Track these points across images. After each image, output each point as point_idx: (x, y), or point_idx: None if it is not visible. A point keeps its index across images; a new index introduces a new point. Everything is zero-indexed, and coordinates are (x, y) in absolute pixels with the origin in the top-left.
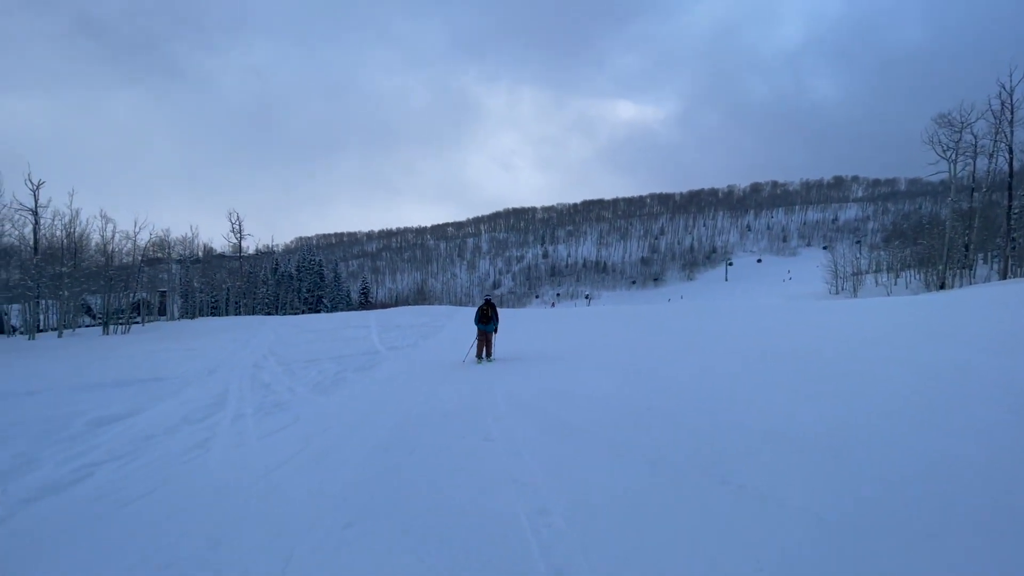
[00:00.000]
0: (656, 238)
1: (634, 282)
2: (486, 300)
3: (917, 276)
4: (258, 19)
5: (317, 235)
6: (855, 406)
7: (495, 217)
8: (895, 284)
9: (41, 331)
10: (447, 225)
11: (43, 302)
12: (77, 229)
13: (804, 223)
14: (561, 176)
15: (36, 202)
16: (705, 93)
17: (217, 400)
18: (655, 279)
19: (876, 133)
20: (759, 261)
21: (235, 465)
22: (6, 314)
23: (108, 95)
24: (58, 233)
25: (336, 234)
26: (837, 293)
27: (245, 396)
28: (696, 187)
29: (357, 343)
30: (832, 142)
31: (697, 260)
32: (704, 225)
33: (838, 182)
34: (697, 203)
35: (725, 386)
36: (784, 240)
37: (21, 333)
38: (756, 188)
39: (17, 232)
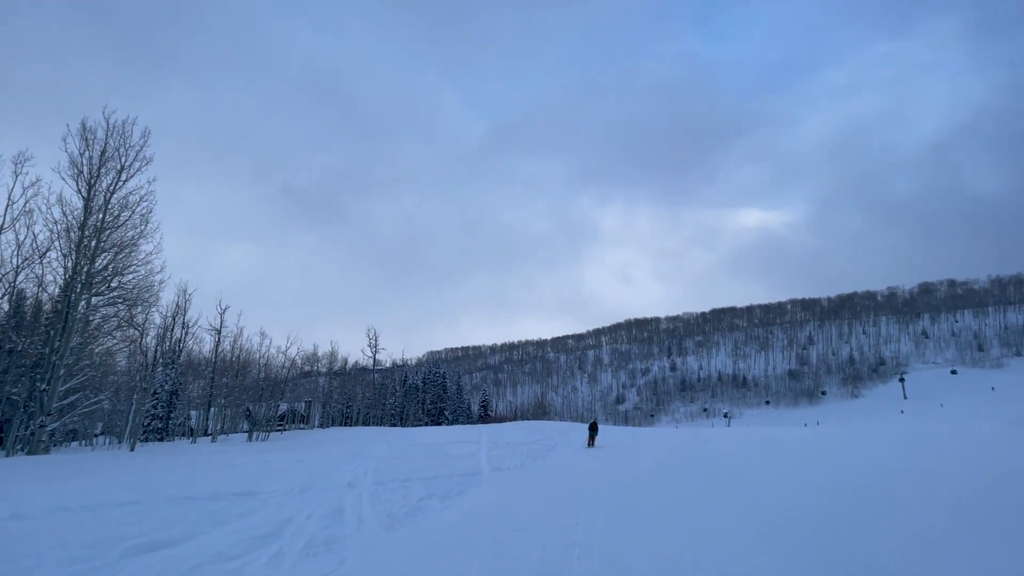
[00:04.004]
0: (804, 348)
1: (772, 399)
2: (593, 420)
3: None
4: (409, 175)
5: (445, 348)
6: None
7: (616, 328)
8: None
9: (208, 434)
10: (567, 337)
11: (213, 409)
12: (242, 344)
13: (1004, 327)
14: (684, 286)
15: (221, 323)
16: (839, 195)
17: (276, 529)
18: (808, 395)
19: None
20: (954, 372)
21: None
22: (188, 418)
23: (293, 239)
24: (228, 347)
25: (462, 347)
26: None
27: (305, 527)
28: (845, 291)
29: (461, 461)
30: (1019, 233)
31: (861, 373)
32: (864, 332)
33: None
34: (851, 308)
35: None
36: (980, 349)
37: (199, 435)
38: (927, 288)
39: (201, 349)
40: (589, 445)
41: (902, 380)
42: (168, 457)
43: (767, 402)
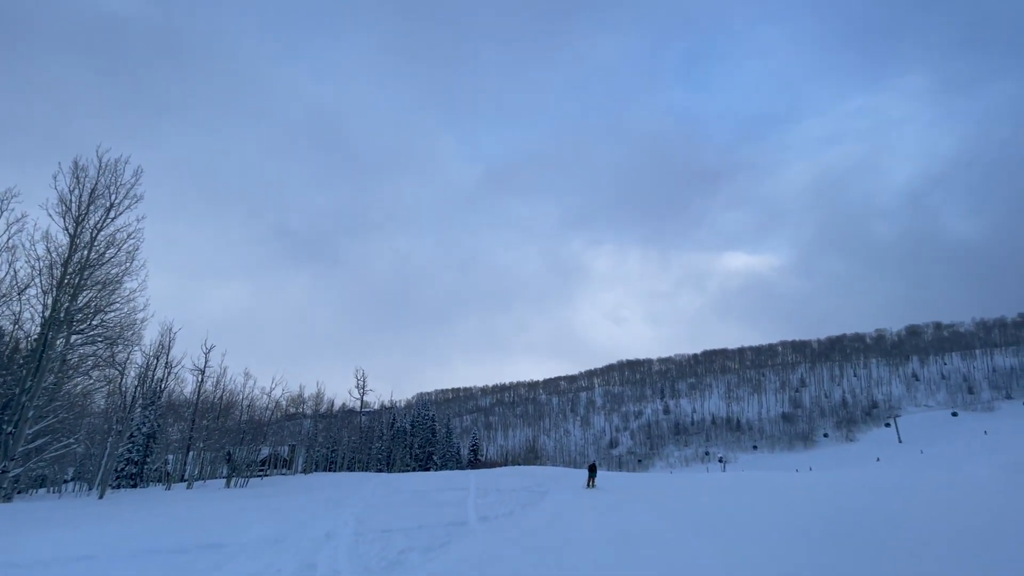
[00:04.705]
0: (796, 391)
1: (767, 442)
2: (592, 463)
3: None
4: (404, 216)
5: (435, 390)
6: None
7: (608, 370)
8: None
9: (183, 480)
10: (559, 379)
11: (191, 453)
12: (226, 385)
13: (992, 370)
14: (674, 327)
15: (205, 363)
16: (822, 240)
17: None
18: (804, 439)
19: None
20: (955, 415)
21: None
22: (165, 463)
23: (285, 279)
24: (209, 387)
25: (452, 389)
26: None
27: None
28: (833, 333)
29: (448, 509)
30: (997, 277)
31: (855, 416)
32: (855, 375)
33: None
34: (840, 350)
35: None
36: (970, 391)
37: (174, 481)
38: (914, 331)
39: (183, 389)
40: (590, 486)
41: (887, 425)
42: (138, 505)
43: (754, 447)
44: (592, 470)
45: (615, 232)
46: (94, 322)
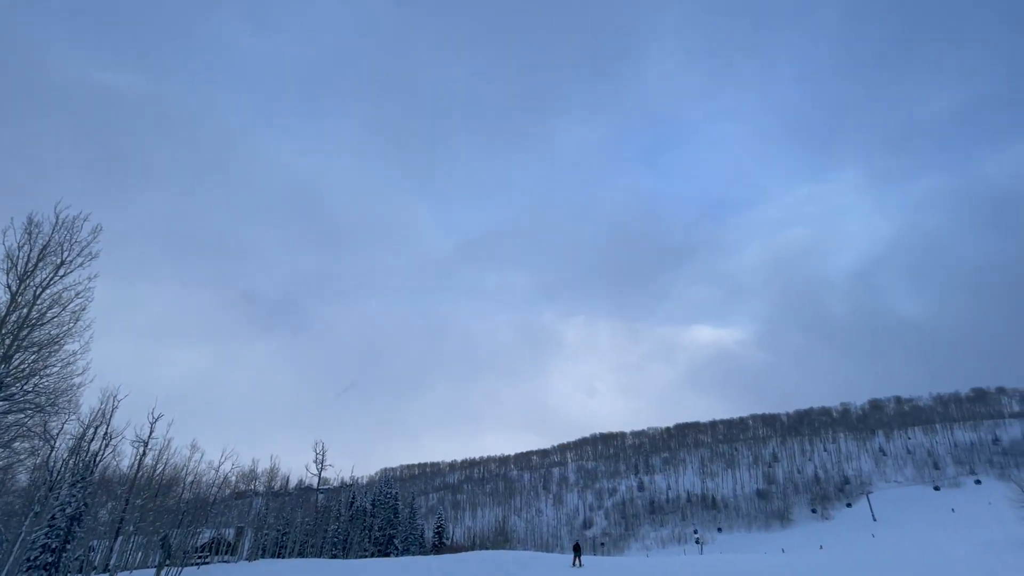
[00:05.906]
0: (769, 466)
1: (743, 521)
2: (576, 542)
3: None
4: (375, 285)
5: (401, 465)
6: None
7: (582, 444)
8: None
9: (107, 570)
10: (531, 453)
11: (120, 538)
12: (168, 458)
13: (954, 445)
14: (647, 399)
15: (150, 434)
16: (782, 316)
17: None
18: (780, 517)
19: (1001, 340)
20: (937, 488)
21: None
22: (92, 550)
23: (248, 346)
24: (148, 461)
25: (419, 464)
26: None
27: None
28: (801, 406)
29: None
30: (943, 353)
31: (828, 493)
32: (825, 450)
33: (980, 395)
34: (809, 424)
35: None
36: (936, 467)
37: (97, 571)
38: (877, 405)
39: (119, 463)
40: (576, 565)
41: (849, 505)
42: None
43: (719, 529)
44: (577, 549)
45: (586, 304)
46: (26, 387)
